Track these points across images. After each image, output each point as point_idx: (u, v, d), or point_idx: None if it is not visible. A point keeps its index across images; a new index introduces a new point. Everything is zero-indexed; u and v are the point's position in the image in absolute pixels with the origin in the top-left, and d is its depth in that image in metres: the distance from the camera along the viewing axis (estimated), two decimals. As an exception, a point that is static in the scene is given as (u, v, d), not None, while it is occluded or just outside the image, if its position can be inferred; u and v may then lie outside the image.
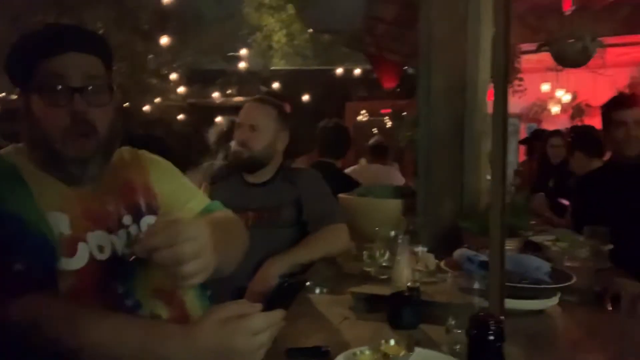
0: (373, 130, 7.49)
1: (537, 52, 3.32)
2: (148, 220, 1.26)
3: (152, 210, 1.29)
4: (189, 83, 7.70)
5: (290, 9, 11.51)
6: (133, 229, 1.22)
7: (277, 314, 0.96)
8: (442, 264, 1.67)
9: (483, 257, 1.47)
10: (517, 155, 8.57)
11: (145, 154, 1.38)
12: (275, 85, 7.89)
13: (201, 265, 0.96)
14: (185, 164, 2.12)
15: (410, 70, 5.81)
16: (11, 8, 5.84)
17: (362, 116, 7.97)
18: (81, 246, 1.11)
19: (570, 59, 3.26)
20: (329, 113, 6.55)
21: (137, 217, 1.24)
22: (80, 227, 1.12)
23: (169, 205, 1.32)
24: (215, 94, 8.08)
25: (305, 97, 7.81)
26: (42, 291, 1.00)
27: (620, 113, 2.53)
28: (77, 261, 1.09)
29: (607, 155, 3.30)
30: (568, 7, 4.96)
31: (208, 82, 7.99)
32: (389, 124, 7.68)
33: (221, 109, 8.17)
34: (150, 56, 6.49)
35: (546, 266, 1.52)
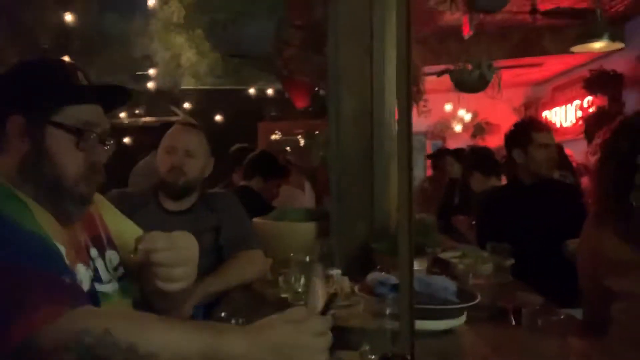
0: (287, 148, 7.52)
1: (439, 76, 3.49)
2: (110, 254, 1.24)
3: (112, 245, 1.27)
4: (94, 103, 7.37)
5: (199, 27, 11.38)
6: (99, 263, 1.19)
7: (330, 319, 1.02)
8: (355, 288, 1.69)
9: (394, 280, 1.50)
10: (424, 170, 8.92)
11: None
12: (186, 105, 7.74)
13: (188, 272, 1.09)
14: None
15: (322, 92, 5.90)
16: None
17: (276, 135, 7.98)
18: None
19: (469, 85, 3.47)
20: (242, 133, 6.52)
21: (101, 251, 1.22)
22: (72, 258, 1.09)
23: (123, 244, 1.29)
24: (122, 114, 7.80)
25: (218, 117, 7.72)
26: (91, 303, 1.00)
27: (544, 136, 2.73)
28: None
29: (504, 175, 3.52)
30: (467, 32, 5.26)
31: (115, 102, 7.69)
32: (302, 142, 7.74)
33: (129, 130, 7.90)
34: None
35: (452, 286, 1.58)
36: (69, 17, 5.27)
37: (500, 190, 3.09)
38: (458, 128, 8.66)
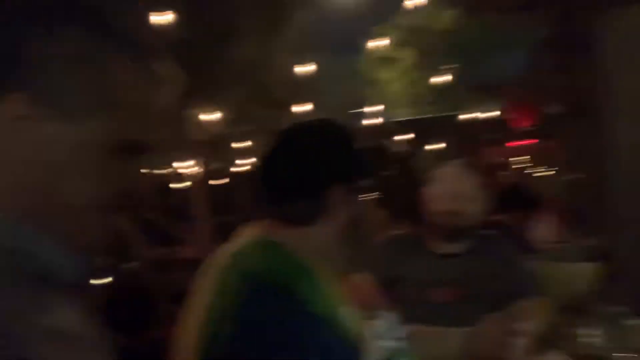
0: (508, 174, 7.19)
1: None
2: None
3: None
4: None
5: (408, 58, 11.61)
6: None
7: None
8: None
9: None
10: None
11: None
12: (402, 136, 7.88)
13: None
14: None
15: (552, 112, 5.55)
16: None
17: (496, 158, 7.73)
18: None
19: None
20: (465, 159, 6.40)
21: None
22: None
23: None
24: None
25: (436, 145, 7.73)
26: None
27: None
28: None
29: None
30: None
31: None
32: (525, 167, 7.35)
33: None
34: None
35: None
36: (299, 69, 5.72)
37: None
38: None
